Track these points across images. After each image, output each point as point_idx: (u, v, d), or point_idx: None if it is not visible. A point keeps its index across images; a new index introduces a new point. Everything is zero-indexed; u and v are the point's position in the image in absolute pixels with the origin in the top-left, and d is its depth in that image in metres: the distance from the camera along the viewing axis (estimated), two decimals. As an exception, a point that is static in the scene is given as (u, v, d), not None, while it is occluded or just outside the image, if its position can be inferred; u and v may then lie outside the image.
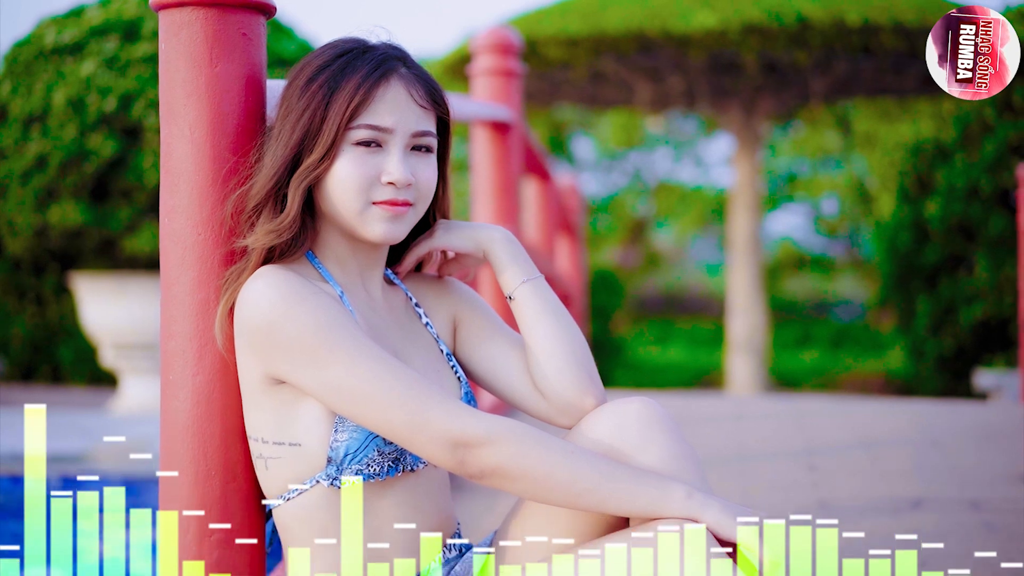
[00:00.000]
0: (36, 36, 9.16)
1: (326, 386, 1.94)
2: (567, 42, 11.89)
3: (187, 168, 2.08)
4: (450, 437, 1.92)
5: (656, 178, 21.83)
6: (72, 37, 8.88)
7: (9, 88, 9.03)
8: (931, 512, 3.36)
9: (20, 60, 9.11)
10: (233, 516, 2.09)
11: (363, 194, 2.01)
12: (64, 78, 8.71)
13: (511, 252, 2.16)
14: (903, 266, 11.13)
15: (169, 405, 2.11)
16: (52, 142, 8.66)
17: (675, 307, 22.94)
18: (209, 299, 2.08)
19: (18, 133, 8.88)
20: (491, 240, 2.17)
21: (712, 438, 4.61)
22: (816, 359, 18.54)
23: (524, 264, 2.16)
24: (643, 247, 22.46)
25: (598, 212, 21.66)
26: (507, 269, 2.15)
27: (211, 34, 2.09)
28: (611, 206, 21.75)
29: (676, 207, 21.64)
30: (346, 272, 2.10)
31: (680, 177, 22.00)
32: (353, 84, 2.00)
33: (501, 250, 2.16)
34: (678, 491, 1.92)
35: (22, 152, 8.81)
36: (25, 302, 10.52)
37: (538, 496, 1.95)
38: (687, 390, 14.59)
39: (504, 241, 2.17)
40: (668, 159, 21.83)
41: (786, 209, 21.87)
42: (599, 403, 2.11)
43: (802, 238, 22.21)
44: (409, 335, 2.16)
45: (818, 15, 11.31)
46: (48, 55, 8.97)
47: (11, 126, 8.89)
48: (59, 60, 8.88)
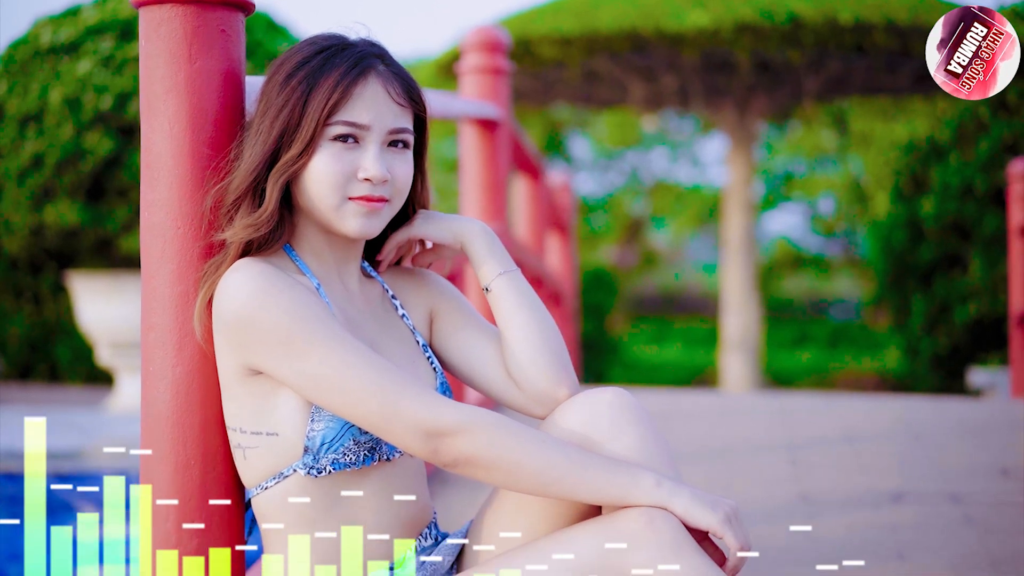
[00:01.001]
0: (32, 35, 9.19)
1: (302, 376, 1.97)
2: (560, 41, 11.92)
3: (166, 163, 2.11)
4: (423, 426, 1.95)
5: (653, 177, 21.85)
6: (68, 36, 8.91)
7: (5, 87, 9.06)
8: (911, 505, 3.39)
9: (16, 59, 9.14)
10: (212, 505, 2.12)
11: (340, 190, 2.04)
12: (60, 77, 8.74)
13: (488, 245, 2.19)
14: (898, 265, 11.15)
15: (149, 396, 2.14)
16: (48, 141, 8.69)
17: (672, 306, 22.98)
18: (188, 292, 2.11)
19: (14, 132, 8.90)
20: (469, 232, 2.20)
21: (696, 433, 4.64)
22: (812, 358, 18.57)
23: (501, 257, 2.19)
24: (640, 246, 22.49)
25: (595, 211, 21.69)
26: (484, 261, 2.19)
27: (190, 31, 2.12)
28: (608, 205, 21.77)
29: (673, 206, 21.66)
30: (323, 265, 2.13)
31: (677, 176, 22.03)
32: (331, 81, 2.03)
33: (479, 242, 2.20)
34: (648, 479, 1.95)
35: (18, 151, 8.84)
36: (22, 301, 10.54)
37: (510, 484, 1.98)
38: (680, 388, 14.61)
39: (482, 234, 2.20)
40: (665, 158, 21.86)
41: (783, 209, 21.89)
42: (572, 393, 2.15)
43: (799, 237, 22.23)
44: (385, 327, 2.19)
45: (810, 14, 11.33)
46: (44, 54, 9.00)
47: (7, 125, 8.92)
48: (55, 59, 8.91)
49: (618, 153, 21.53)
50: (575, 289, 9.51)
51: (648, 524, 1.92)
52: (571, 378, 2.16)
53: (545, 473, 1.96)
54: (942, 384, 10.96)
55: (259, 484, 2.07)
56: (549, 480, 1.96)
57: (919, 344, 11.11)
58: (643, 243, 22.61)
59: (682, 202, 21.49)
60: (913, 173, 11.03)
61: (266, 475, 2.06)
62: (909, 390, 11.77)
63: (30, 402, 9.00)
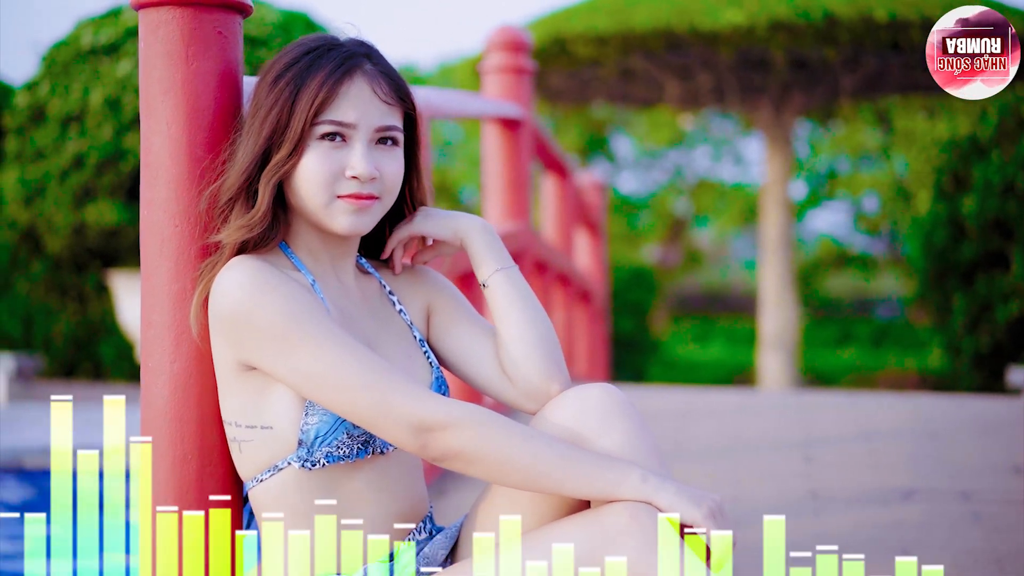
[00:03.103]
0: (73, 37, 9.31)
1: (294, 371, 2.01)
2: (596, 40, 11.92)
3: (164, 162, 2.15)
4: (413, 421, 1.98)
5: (696, 176, 21.80)
6: (109, 37, 9.02)
7: (47, 88, 9.18)
8: (920, 503, 3.38)
9: (58, 61, 9.26)
10: (210, 498, 2.16)
11: (328, 188, 2.07)
12: (101, 78, 8.85)
13: (488, 241, 2.22)
14: (939, 263, 11.07)
15: (148, 391, 2.18)
16: (89, 141, 8.79)
17: (716, 305, 22.93)
18: (186, 289, 2.15)
19: (56, 133, 9.02)
20: (469, 229, 2.23)
21: (713, 430, 4.65)
22: (855, 357, 18.47)
23: (500, 253, 2.22)
24: (684, 245, 22.45)
25: (638, 210, 21.67)
26: (483, 257, 2.22)
27: (187, 32, 2.16)
28: (651, 204, 21.74)
29: (715, 205, 21.60)
30: (318, 262, 2.17)
31: (720, 175, 21.97)
32: (318, 81, 2.06)
33: (479, 239, 2.23)
34: (634, 474, 1.98)
35: (60, 151, 8.96)
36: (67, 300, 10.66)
37: (499, 479, 2.01)
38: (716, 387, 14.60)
39: (482, 230, 2.23)
40: (708, 157, 21.80)
41: (827, 207, 21.78)
42: (564, 389, 2.17)
43: (844, 236, 22.12)
44: (382, 322, 2.22)
45: (845, 11, 11.28)
46: (85, 56, 9.12)
47: (49, 126, 9.05)
48: (96, 60, 9.02)
49: (660, 152, 21.50)
50: (606, 287, 9.51)
51: (632, 518, 1.94)
52: (563, 374, 2.19)
53: (533, 468, 1.98)
54: (984, 383, 10.88)
55: (255, 477, 2.11)
56: (536, 475, 1.98)
57: (961, 343, 11.03)
58: (686, 242, 22.57)
59: (725, 200, 21.43)
60: (954, 171, 10.96)
61: (262, 468, 2.09)
62: (950, 389, 11.69)
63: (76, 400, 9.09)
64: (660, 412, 5.09)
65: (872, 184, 20.36)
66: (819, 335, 19.88)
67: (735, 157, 21.59)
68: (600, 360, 8.70)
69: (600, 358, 8.70)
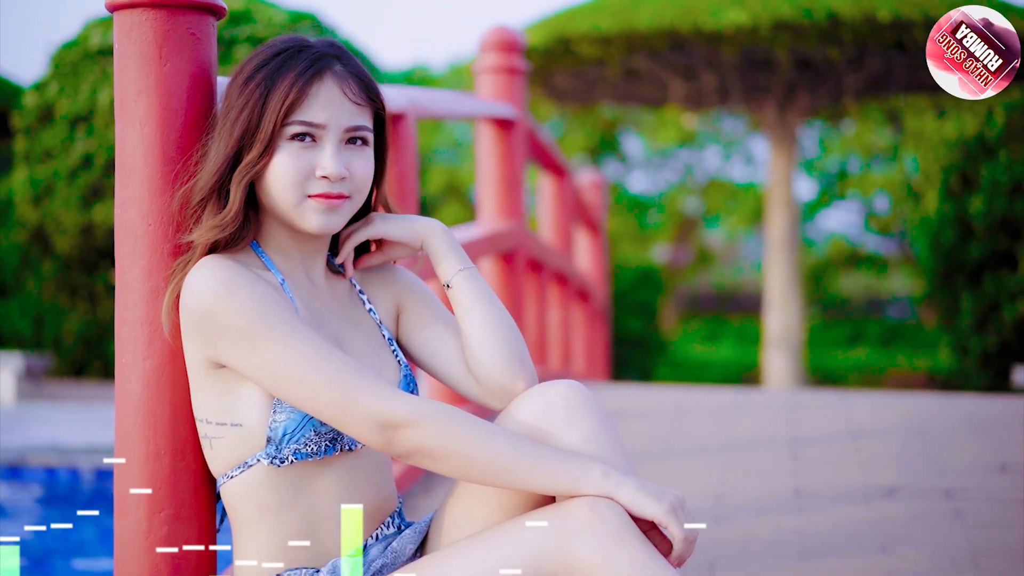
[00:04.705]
0: (82, 38, 9.36)
1: (261, 369, 2.03)
2: (600, 40, 11.93)
3: (138, 162, 2.18)
4: (377, 418, 2.01)
5: (706, 175, 21.80)
6: (116, 39, 9.05)
7: (56, 89, 9.23)
8: (902, 501, 3.40)
9: (66, 61, 9.31)
10: (182, 494, 2.19)
11: (298, 188, 2.10)
12: (109, 79, 8.89)
13: (448, 243, 2.26)
14: (947, 263, 11.07)
15: (122, 388, 2.21)
16: (97, 142, 8.84)
17: (727, 305, 22.92)
18: (159, 288, 2.18)
19: (64, 133, 9.07)
20: (431, 230, 2.26)
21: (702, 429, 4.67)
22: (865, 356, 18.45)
23: (460, 254, 2.26)
24: (694, 244, 22.44)
25: (648, 209, 21.67)
26: (444, 258, 2.25)
27: (160, 34, 2.19)
28: (661, 203, 21.75)
29: (726, 204, 21.59)
30: (289, 261, 2.20)
31: (730, 174, 21.96)
32: (288, 82, 2.09)
33: (441, 240, 2.26)
34: (595, 470, 2.00)
35: (68, 152, 9.01)
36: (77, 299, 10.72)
37: (463, 475, 2.04)
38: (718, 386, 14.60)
39: (443, 232, 2.27)
40: (718, 156, 21.79)
41: (839, 207, 21.75)
42: (529, 387, 2.20)
43: (855, 235, 22.09)
44: (351, 321, 2.25)
45: (849, 11, 11.27)
46: (94, 56, 9.16)
47: (57, 126, 9.10)
48: (104, 61, 9.07)
49: (671, 151, 21.50)
50: (606, 286, 9.51)
51: (593, 512, 1.96)
52: (527, 371, 2.21)
53: (496, 464, 2.01)
54: (991, 383, 10.87)
55: (226, 473, 2.14)
56: (500, 471, 2.01)
57: (968, 343, 11.03)
58: (697, 241, 22.56)
59: (735, 200, 21.42)
60: (962, 170, 10.95)
61: (232, 464, 2.12)
62: (958, 389, 11.68)
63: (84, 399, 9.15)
64: (654, 410, 5.11)
65: (883, 184, 20.32)
66: (830, 335, 19.85)
67: (745, 156, 21.58)
68: (600, 359, 8.71)
69: (600, 357, 8.71)
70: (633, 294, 13.83)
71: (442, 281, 2.25)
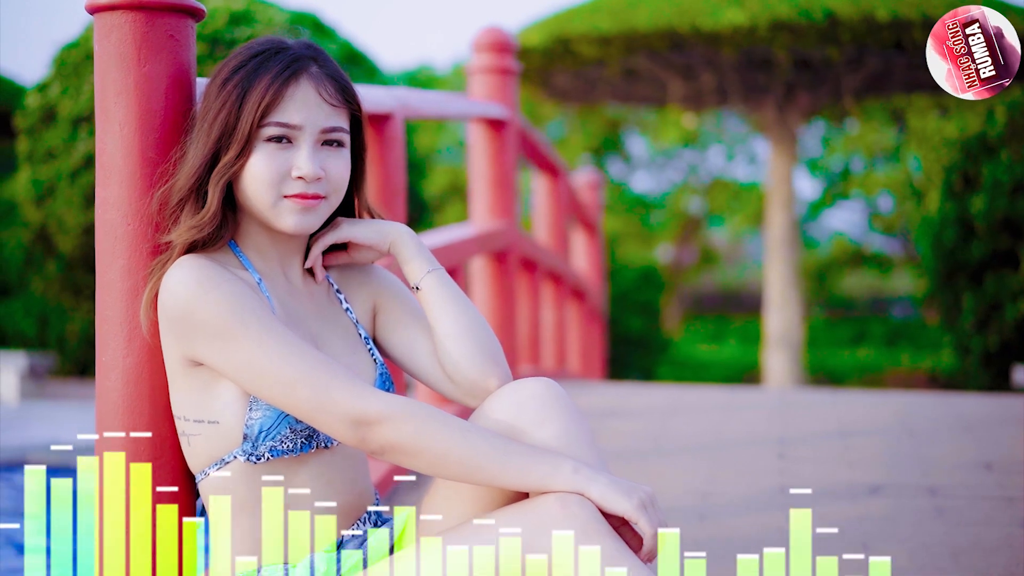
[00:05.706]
0: (84, 38, 9.37)
1: (236, 366, 2.06)
2: (599, 40, 11.96)
3: (117, 162, 2.21)
4: (351, 415, 2.03)
5: (710, 175, 21.80)
6: (118, 39, 9.07)
7: (58, 90, 9.25)
8: (886, 498, 3.42)
9: (68, 62, 9.33)
10: (160, 491, 2.22)
11: (274, 188, 2.13)
12: (110, 80, 8.90)
13: (416, 245, 2.29)
14: (948, 262, 11.06)
15: (103, 385, 2.24)
16: (99, 142, 8.82)
17: (731, 304, 22.92)
18: (138, 287, 2.20)
19: (66, 133, 9.10)
20: (398, 233, 2.29)
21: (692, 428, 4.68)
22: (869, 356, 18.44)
23: (427, 257, 2.29)
24: (698, 244, 22.45)
25: (652, 209, 21.68)
26: (412, 261, 2.28)
27: (140, 36, 2.22)
28: (665, 203, 21.76)
29: (729, 204, 21.60)
30: (266, 260, 2.22)
31: (734, 174, 21.96)
32: (264, 84, 2.12)
33: (409, 243, 2.29)
34: (566, 466, 2.03)
35: (70, 152, 9.03)
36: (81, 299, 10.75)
37: (437, 471, 2.06)
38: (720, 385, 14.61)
39: (409, 235, 2.30)
40: (721, 156, 21.80)
41: (843, 206, 21.75)
42: (503, 384, 2.22)
43: (859, 235, 22.08)
44: (328, 320, 2.28)
45: (847, 11, 11.27)
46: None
47: (60, 126, 9.12)
48: (106, 62, 9.07)
49: (675, 151, 21.51)
50: (603, 286, 9.53)
51: (563, 508, 1.99)
52: (500, 369, 2.24)
53: (469, 460, 2.03)
54: (992, 382, 10.87)
55: (203, 470, 2.16)
56: (473, 467, 2.04)
57: (970, 342, 11.03)
58: (701, 241, 22.57)
59: (739, 199, 21.43)
60: (963, 170, 10.95)
61: (209, 461, 2.15)
62: (960, 388, 11.68)
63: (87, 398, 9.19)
64: (645, 409, 5.13)
65: (887, 183, 20.32)
66: (834, 334, 19.85)
67: (749, 156, 21.59)
68: (596, 358, 8.72)
69: (596, 356, 8.72)
70: (635, 294, 13.85)
71: (410, 284, 2.28)
